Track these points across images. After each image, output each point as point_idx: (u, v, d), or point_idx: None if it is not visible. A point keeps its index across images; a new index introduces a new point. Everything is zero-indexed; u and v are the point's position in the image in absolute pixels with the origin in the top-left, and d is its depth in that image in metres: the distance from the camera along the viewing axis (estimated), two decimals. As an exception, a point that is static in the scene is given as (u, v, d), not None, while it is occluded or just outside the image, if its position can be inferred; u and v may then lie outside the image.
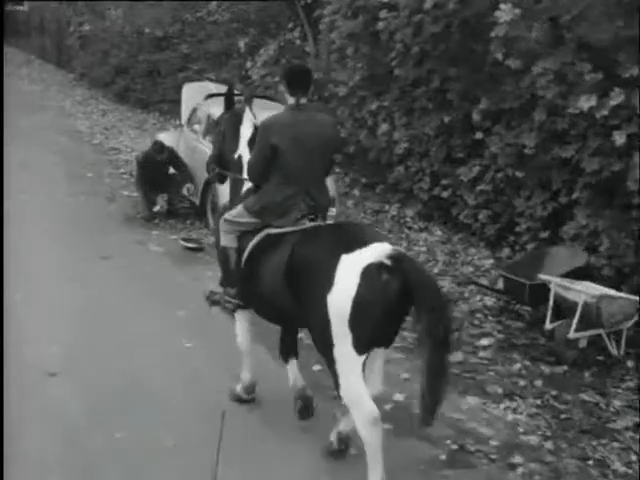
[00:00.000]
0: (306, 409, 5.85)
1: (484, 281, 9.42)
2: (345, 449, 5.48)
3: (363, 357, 4.86)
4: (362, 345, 4.81)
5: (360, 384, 4.88)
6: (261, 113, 6.10)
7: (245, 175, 5.77)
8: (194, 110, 11.86)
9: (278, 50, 14.99)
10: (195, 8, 17.95)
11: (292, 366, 6.00)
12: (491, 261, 10.11)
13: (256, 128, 5.76)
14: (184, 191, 11.30)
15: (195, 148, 11.34)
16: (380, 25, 10.11)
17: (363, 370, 4.90)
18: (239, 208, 5.66)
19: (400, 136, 11.29)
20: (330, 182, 10.93)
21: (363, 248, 4.80)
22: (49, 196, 11.97)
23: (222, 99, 6.49)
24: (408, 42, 9.89)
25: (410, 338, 7.33)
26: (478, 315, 8.57)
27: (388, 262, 4.71)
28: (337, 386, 4.95)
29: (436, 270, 9.77)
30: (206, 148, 10.35)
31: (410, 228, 11.43)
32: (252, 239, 5.51)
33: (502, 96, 9.64)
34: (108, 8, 22.64)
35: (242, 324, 6.03)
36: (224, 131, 6.17)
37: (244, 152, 5.91)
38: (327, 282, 4.77)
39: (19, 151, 13.91)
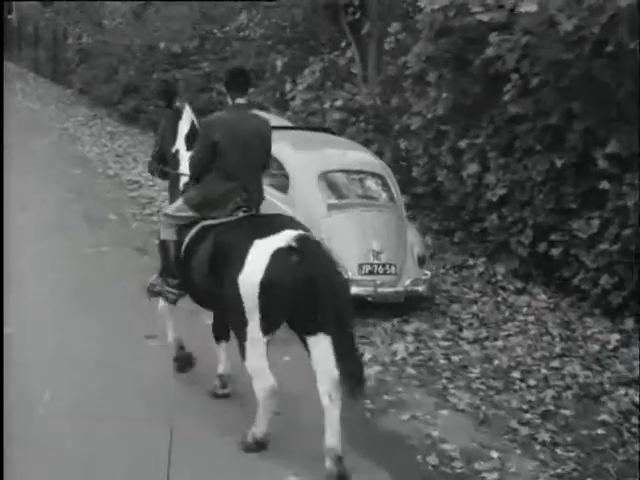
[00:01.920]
0: (223, 389, 6.41)
1: (617, 364, 7.63)
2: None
3: (269, 336, 5.33)
4: (269, 324, 5.27)
5: (263, 359, 5.37)
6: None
7: (182, 170, 6.23)
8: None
9: (323, 71, 13.13)
10: (220, 22, 16.01)
11: (220, 348, 6.39)
12: (617, 336, 8.28)
13: (194, 124, 6.32)
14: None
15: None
16: (490, 51, 8.26)
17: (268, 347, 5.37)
18: (179, 202, 6.01)
19: (495, 179, 9.44)
20: (415, 236, 9.19)
21: (276, 234, 5.26)
22: (66, 247, 9.94)
23: (280, 133, 7.20)
24: (525, 71, 8.04)
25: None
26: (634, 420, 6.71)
27: (295, 245, 5.14)
28: (244, 359, 5.43)
29: (557, 349, 7.92)
30: (278, 202, 8.58)
31: (504, 289, 9.58)
32: (189, 232, 5.86)
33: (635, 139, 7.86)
34: (105, 20, 20.71)
35: (167, 317, 6.58)
36: (164, 128, 6.60)
37: (181, 147, 6.37)
38: (239, 265, 5.21)
39: (23, 185, 11.90)
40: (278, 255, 5.15)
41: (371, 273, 8.40)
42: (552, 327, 8.54)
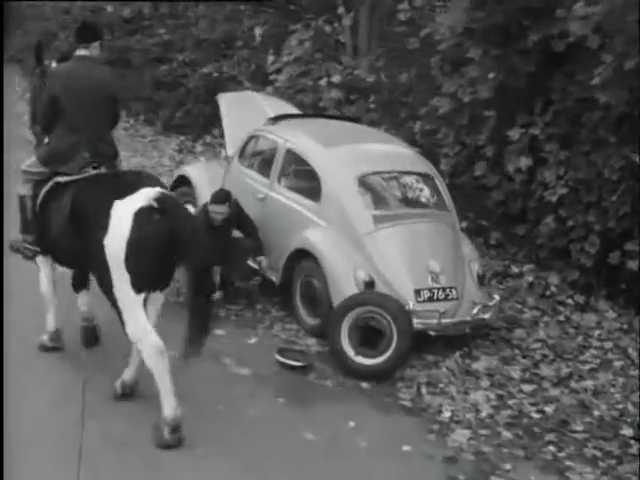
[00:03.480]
0: (91, 336, 6.53)
1: None
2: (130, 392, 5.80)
3: (142, 295, 5.31)
4: (140, 284, 5.26)
5: (143, 319, 5.31)
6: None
7: None
8: (252, 139, 8.23)
9: (312, 41, 11.38)
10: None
11: (82, 296, 6.50)
12: None
13: None
14: (255, 264, 7.71)
15: (262, 198, 7.75)
16: (575, 26, 6.70)
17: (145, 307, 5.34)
18: (33, 158, 6.03)
19: (554, 176, 7.98)
20: (471, 249, 7.64)
21: (134, 194, 5.24)
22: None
23: (296, 123, 7.68)
24: (621, 50, 6.54)
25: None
26: None
27: (156, 205, 5.22)
28: (123, 324, 5.36)
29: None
30: (283, 199, 7.33)
31: (563, 304, 8.17)
32: (44, 187, 5.83)
33: None
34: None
35: (44, 271, 6.23)
36: (34, 87, 6.63)
37: None
38: (103, 228, 5.21)
39: None
40: (140, 215, 5.17)
41: (430, 300, 6.86)
42: (635, 355, 7.21)
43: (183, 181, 8.98)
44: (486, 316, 7.07)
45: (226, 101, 9.14)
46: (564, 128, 7.99)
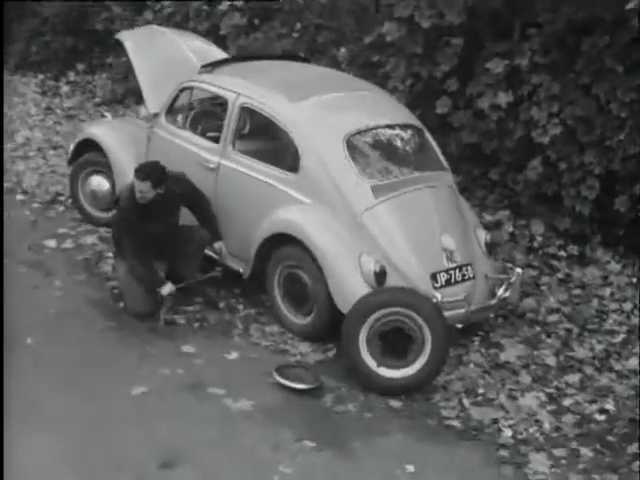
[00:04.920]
0: None
1: None
2: None
3: None
4: None
5: None
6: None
7: None
8: (183, 92, 6.54)
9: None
10: None
11: None
12: None
13: None
14: (212, 252, 6.16)
15: (212, 168, 6.16)
16: None
17: None
18: None
19: (544, 113, 6.84)
20: (471, 212, 6.39)
21: None
22: None
23: (238, 70, 6.41)
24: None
25: None
26: None
27: None
28: None
29: None
30: (244, 168, 5.95)
31: (555, 257, 7.17)
32: None
33: None
34: None
35: None
36: None
37: None
38: None
39: None
40: None
41: (448, 284, 5.63)
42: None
43: (89, 145, 7.20)
44: (507, 294, 5.93)
45: (132, 42, 7.30)
46: (553, 57, 6.82)
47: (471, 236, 6.01)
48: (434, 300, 5.35)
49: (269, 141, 6.03)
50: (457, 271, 5.70)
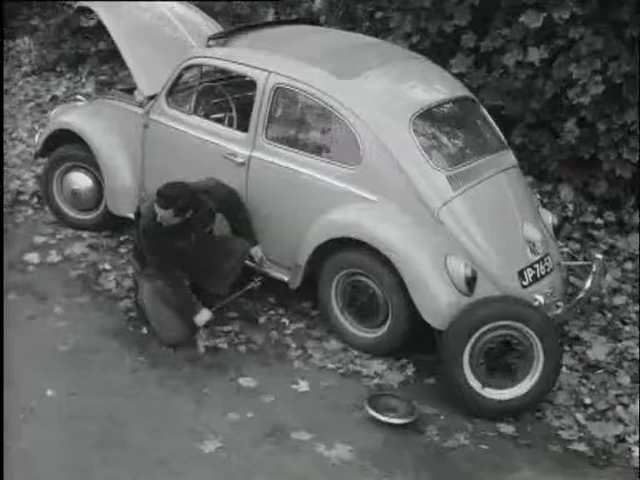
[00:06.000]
0: None
1: None
2: None
3: None
4: None
5: None
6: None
7: None
8: (187, 70, 5.52)
9: None
10: None
11: None
12: None
13: None
14: (251, 261, 5.26)
15: (242, 162, 5.22)
16: None
17: None
18: None
19: (586, 70, 6.18)
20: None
21: None
22: None
23: (256, 40, 5.45)
24: None
25: None
26: None
27: None
28: None
29: None
30: (284, 162, 5.11)
31: (593, 225, 6.60)
32: None
33: None
34: None
35: None
36: None
37: None
38: None
39: None
40: None
41: (535, 280, 4.96)
42: None
43: (64, 137, 6.09)
44: (588, 284, 5.31)
45: (103, 8, 6.13)
46: (592, 7, 6.13)
47: (540, 220, 5.34)
48: (536, 303, 4.70)
49: (314, 128, 5.11)
50: (541, 264, 5.03)
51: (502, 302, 4.59)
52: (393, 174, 4.80)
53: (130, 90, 6.37)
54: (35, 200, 6.73)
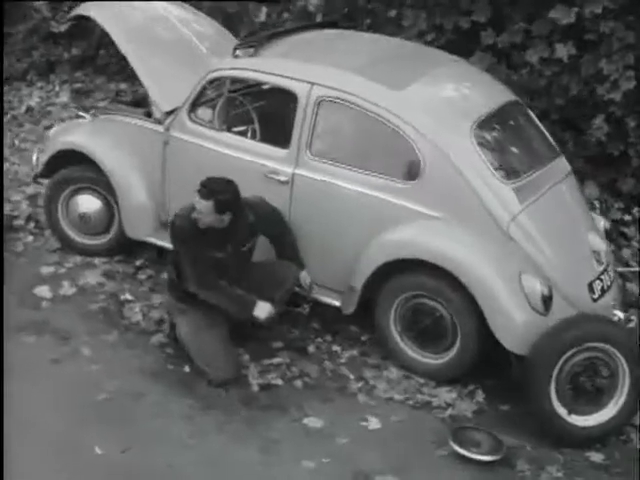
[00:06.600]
0: None
1: None
2: None
3: None
4: None
5: None
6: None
7: None
8: (212, 84, 5.09)
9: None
10: None
11: None
12: None
13: None
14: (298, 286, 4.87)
15: (285, 181, 4.82)
16: None
17: None
18: None
19: (617, 66, 5.94)
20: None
21: None
22: None
23: (290, 49, 5.09)
24: None
25: None
26: None
27: None
28: None
29: None
30: (332, 179, 4.72)
31: (623, 222, 6.39)
32: None
33: None
34: None
35: None
36: None
37: None
38: None
39: None
40: None
41: (603, 293, 4.70)
42: None
43: (65, 157, 5.61)
44: (646, 292, 5.10)
45: (104, 17, 5.63)
46: (623, 1, 5.89)
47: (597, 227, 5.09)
48: (615, 319, 4.44)
49: (364, 142, 4.74)
50: (606, 274, 4.78)
51: (588, 322, 4.31)
52: (457, 188, 4.47)
53: (133, 103, 5.94)
54: (32, 225, 6.17)
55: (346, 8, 7.01)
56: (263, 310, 4.57)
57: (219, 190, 4.41)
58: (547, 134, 5.16)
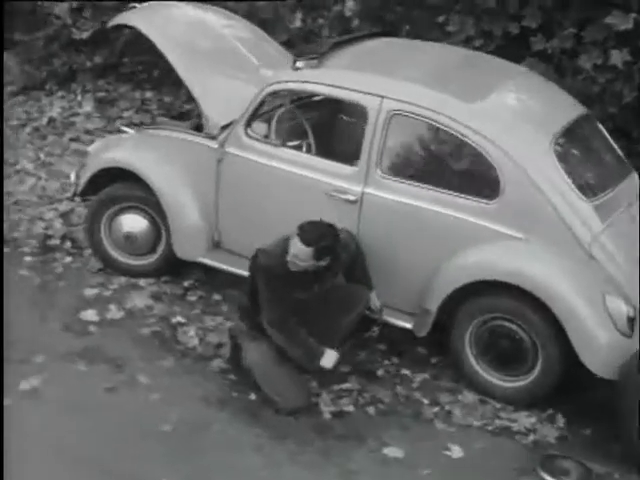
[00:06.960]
0: None
1: None
2: None
3: None
4: None
5: None
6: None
7: None
8: (270, 97, 4.87)
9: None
10: None
11: None
12: None
13: None
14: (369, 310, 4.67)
15: (353, 200, 4.61)
16: None
17: None
18: None
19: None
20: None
21: None
22: None
23: (354, 60, 4.91)
24: None
25: None
26: None
27: None
28: None
29: None
30: (405, 199, 4.53)
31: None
32: None
33: None
34: None
35: None
36: None
37: None
38: None
39: None
40: None
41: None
42: None
43: (112, 174, 5.38)
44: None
45: (148, 25, 5.40)
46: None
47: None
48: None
49: (439, 159, 4.57)
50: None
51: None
52: (539, 207, 4.29)
53: (178, 117, 5.73)
54: (69, 244, 5.94)
55: (385, 13, 6.80)
56: (330, 359, 4.40)
57: (321, 235, 4.21)
58: (616, 148, 4.98)
